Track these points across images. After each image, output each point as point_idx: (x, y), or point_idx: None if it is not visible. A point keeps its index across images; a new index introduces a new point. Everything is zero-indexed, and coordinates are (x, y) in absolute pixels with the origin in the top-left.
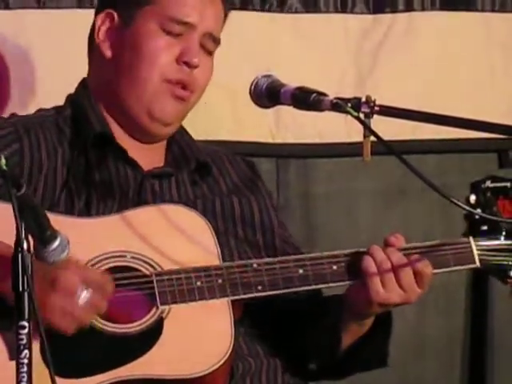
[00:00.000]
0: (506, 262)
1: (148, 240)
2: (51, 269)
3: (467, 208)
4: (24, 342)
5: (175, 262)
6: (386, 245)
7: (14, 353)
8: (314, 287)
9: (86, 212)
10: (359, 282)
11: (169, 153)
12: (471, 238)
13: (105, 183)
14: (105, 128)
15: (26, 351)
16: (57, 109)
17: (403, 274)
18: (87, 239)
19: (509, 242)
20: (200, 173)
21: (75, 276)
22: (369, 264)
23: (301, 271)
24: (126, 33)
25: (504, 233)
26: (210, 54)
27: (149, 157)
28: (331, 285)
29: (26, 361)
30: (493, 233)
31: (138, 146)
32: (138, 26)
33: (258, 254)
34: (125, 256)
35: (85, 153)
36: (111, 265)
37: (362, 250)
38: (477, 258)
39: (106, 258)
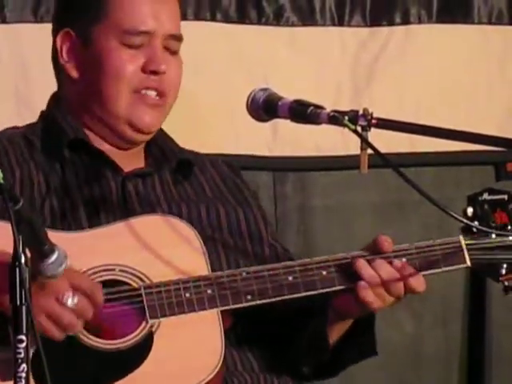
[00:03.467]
0: (497, 260)
1: (136, 252)
2: None
3: (464, 220)
4: (22, 355)
5: (164, 274)
6: (376, 249)
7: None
8: (303, 294)
9: (71, 224)
10: (349, 293)
11: (148, 155)
12: (461, 237)
13: (86, 191)
14: (79, 134)
15: (24, 365)
16: (28, 125)
17: (393, 287)
18: (75, 253)
19: (499, 239)
20: (182, 172)
21: (65, 281)
22: (362, 285)
23: (290, 278)
24: (87, 52)
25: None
26: (175, 53)
27: (127, 159)
28: (321, 291)
29: (23, 375)
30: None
31: (115, 150)
32: (97, 44)
33: (247, 260)
34: (113, 269)
35: (59, 161)
36: (99, 279)
37: (352, 253)
38: (467, 257)
39: (95, 273)
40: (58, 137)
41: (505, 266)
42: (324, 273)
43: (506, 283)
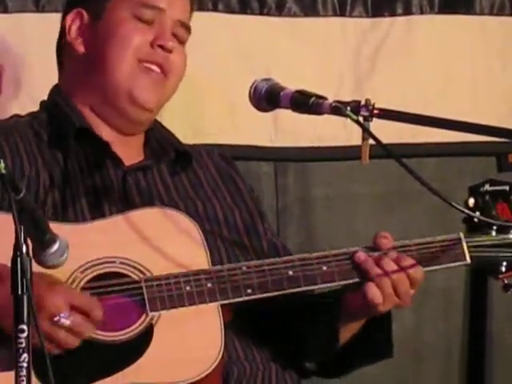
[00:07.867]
0: (496, 258)
1: (137, 245)
2: (40, 289)
3: (466, 211)
4: (23, 345)
5: (164, 267)
6: (377, 247)
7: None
8: (303, 289)
9: (73, 216)
10: (358, 292)
11: (147, 147)
12: (461, 235)
13: (88, 183)
14: (84, 122)
15: (25, 355)
16: (31, 114)
17: (400, 284)
18: (76, 246)
19: (499, 237)
20: (180, 163)
21: (61, 301)
22: (369, 285)
23: (290, 273)
24: (97, 26)
25: (495, 227)
26: (182, 43)
27: (128, 151)
28: (321, 286)
29: (25, 364)
30: (484, 229)
31: (118, 139)
32: (109, 17)
33: (246, 254)
34: (114, 262)
35: (63, 152)
36: (100, 271)
37: (352, 249)
38: (467, 254)
39: (95, 265)
40: (65, 126)
41: (504, 263)
42: (324, 268)
43: (506, 281)
